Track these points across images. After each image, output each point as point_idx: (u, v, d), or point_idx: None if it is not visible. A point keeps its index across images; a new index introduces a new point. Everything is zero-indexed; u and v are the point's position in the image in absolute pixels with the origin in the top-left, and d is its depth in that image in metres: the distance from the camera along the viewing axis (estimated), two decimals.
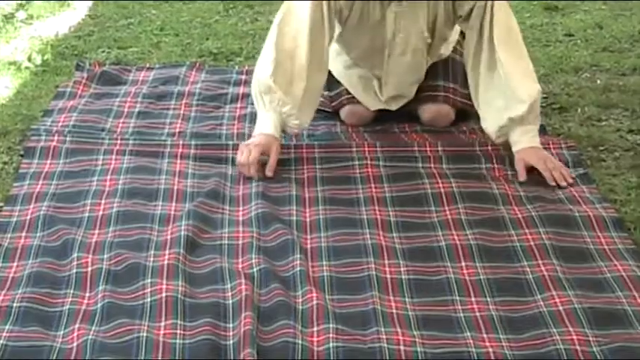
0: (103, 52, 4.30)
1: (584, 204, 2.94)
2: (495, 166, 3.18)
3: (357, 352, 2.29)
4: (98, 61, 4.15)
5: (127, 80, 3.94)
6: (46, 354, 2.30)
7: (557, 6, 4.88)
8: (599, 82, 3.96)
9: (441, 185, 3.02)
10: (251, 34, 4.52)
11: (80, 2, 4.95)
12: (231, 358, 2.28)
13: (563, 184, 3.06)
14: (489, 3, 3.17)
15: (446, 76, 3.48)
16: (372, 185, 3.05)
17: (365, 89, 3.47)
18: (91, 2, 4.96)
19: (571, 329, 2.36)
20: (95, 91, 3.83)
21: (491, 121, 3.21)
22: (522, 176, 3.09)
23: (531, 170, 3.11)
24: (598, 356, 2.27)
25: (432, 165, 3.17)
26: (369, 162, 3.18)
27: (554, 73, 4.03)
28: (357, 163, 3.18)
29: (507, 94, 3.15)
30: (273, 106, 3.17)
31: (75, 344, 2.32)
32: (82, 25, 4.67)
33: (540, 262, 2.64)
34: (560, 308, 2.44)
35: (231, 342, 2.33)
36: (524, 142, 3.15)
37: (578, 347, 2.29)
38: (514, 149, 3.16)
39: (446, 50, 3.49)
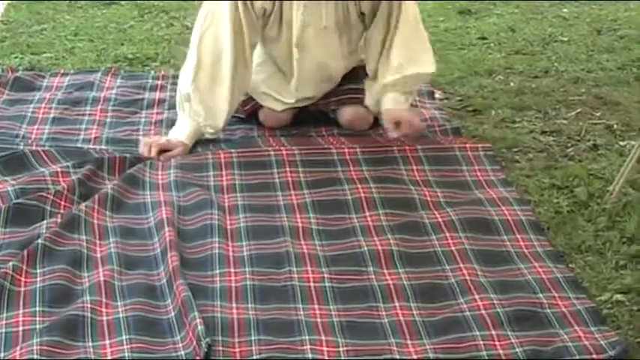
0: (16, 57, 4.25)
1: (502, 205, 2.98)
2: (414, 167, 3.20)
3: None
4: (11, 66, 4.09)
5: (41, 86, 3.89)
6: None
7: (471, 10, 4.94)
8: (512, 84, 4.02)
9: (360, 190, 3.03)
10: (166, 39, 4.50)
11: None
12: (167, 292, 2.52)
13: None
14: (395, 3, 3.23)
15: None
16: (292, 192, 3.05)
17: (270, 92, 3.48)
18: (2, 7, 4.89)
19: (493, 332, 2.42)
20: (9, 97, 3.78)
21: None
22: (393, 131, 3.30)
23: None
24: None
25: (351, 168, 3.18)
26: (287, 168, 3.17)
27: (468, 75, 4.08)
28: (275, 168, 3.18)
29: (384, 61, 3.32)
30: (190, 115, 3.29)
31: (21, 328, 2.41)
32: None
33: (462, 265, 2.68)
34: (483, 312, 2.49)
35: (164, 280, 2.58)
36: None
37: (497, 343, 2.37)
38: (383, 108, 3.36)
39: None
